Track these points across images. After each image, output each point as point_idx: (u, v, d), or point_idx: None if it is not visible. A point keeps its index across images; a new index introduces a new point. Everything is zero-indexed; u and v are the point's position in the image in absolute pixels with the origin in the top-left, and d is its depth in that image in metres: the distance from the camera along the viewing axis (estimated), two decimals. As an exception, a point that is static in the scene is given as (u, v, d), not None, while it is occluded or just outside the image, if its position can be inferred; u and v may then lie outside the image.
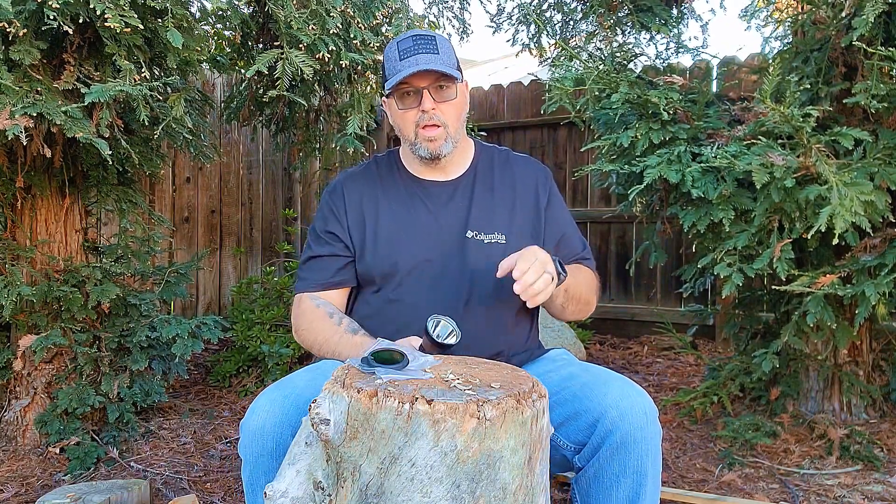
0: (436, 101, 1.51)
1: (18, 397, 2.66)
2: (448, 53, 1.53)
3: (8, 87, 1.99)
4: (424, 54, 1.49)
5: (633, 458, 1.31)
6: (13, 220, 2.64)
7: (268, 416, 1.31)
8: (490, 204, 1.61)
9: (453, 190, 1.62)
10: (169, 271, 3.01)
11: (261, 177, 5.16)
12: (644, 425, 1.31)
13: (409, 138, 1.56)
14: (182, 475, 2.50)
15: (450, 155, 1.57)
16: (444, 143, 1.54)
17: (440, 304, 1.50)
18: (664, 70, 3.00)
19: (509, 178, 1.65)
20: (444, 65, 1.49)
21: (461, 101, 1.57)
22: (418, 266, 1.55)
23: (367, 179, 1.66)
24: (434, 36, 1.54)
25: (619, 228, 4.84)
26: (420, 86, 1.50)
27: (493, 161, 1.68)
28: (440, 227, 1.58)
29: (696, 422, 2.97)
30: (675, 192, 2.59)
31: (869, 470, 2.46)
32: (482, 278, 1.54)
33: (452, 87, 1.53)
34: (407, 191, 1.63)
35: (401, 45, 1.52)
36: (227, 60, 3.15)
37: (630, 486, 1.32)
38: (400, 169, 1.66)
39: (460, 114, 1.58)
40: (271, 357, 3.49)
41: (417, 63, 1.48)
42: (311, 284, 1.62)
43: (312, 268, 1.63)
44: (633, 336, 4.72)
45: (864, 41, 2.20)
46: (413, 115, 1.53)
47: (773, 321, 3.01)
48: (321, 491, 1.10)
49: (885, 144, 2.30)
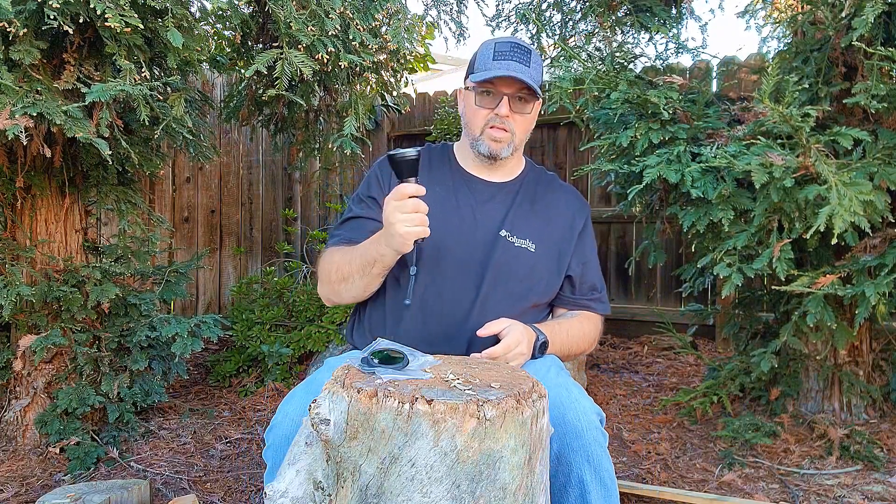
0: (512, 109, 1.56)
1: (18, 397, 2.65)
2: (538, 70, 1.58)
3: (8, 87, 1.99)
4: (517, 63, 1.54)
5: (574, 469, 1.29)
6: (13, 220, 2.64)
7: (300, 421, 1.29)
8: (527, 213, 1.65)
9: (496, 191, 1.66)
10: (169, 271, 3.01)
11: (261, 177, 5.16)
12: (579, 434, 1.29)
13: (473, 133, 1.61)
14: (182, 475, 2.50)
15: (506, 159, 1.63)
16: (506, 146, 1.60)
17: (458, 292, 1.54)
18: (664, 70, 3.00)
19: (551, 198, 1.70)
20: (531, 79, 1.54)
21: (532, 118, 1.63)
22: (444, 248, 1.58)
23: None
24: (531, 50, 1.58)
25: (619, 228, 4.84)
26: (504, 91, 1.55)
27: (539, 179, 1.73)
28: (475, 220, 1.62)
29: (696, 422, 2.97)
30: (674, 191, 2.59)
31: (869, 470, 2.46)
32: (502, 274, 1.57)
33: (531, 103, 1.59)
34: (453, 180, 1.67)
35: (498, 46, 1.57)
36: (226, 60, 3.15)
37: (576, 496, 1.30)
38: (451, 161, 1.71)
39: (528, 128, 1.64)
40: (271, 357, 3.49)
41: (509, 69, 1.52)
42: (341, 240, 1.63)
43: (348, 227, 1.66)
44: (633, 336, 4.72)
45: (864, 41, 2.20)
46: (486, 114, 1.58)
47: (773, 321, 3.01)
48: (321, 491, 1.10)
49: (885, 144, 2.30)
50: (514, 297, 1.58)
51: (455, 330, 1.54)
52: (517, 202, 1.65)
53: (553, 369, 1.50)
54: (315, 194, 5.38)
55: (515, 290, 1.58)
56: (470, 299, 1.55)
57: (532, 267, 1.60)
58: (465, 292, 1.56)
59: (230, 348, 3.84)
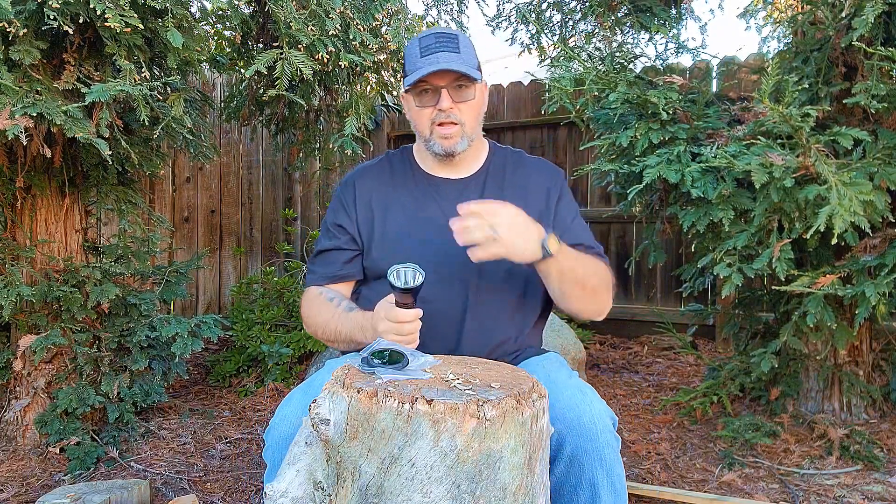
0: (454, 100, 1.51)
1: (18, 397, 2.65)
2: (469, 53, 1.52)
3: (8, 87, 1.99)
4: (445, 53, 1.48)
5: (586, 471, 1.28)
6: (13, 220, 2.64)
7: (300, 422, 1.29)
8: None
9: (464, 187, 1.61)
10: (169, 271, 3.01)
11: (261, 177, 5.16)
12: (593, 437, 1.28)
13: (424, 135, 1.56)
14: (182, 475, 2.50)
15: (464, 153, 1.57)
16: (459, 140, 1.54)
17: (444, 298, 1.51)
18: (664, 70, 3.00)
19: (521, 178, 1.64)
20: (464, 64, 1.48)
21: (479, 102, 1.56)
22: (427, 263, 1.54)
23: (380, 174, 1.67)
24: (457, 35, 1.52)
25: (619, 228, 4.84)
26: (439, 84, 1.50)
27: (505, 161, 1.67)
28: (448, 225, 1.58)
29: (696, 422, 2.97)
30: (674, 191, 2.59)
31: (869, 470, 2.46)
32: (487, 273, 1.54)
33: (471, 88, 1.52)
34: (418, 187, 1.63)
35: (423, 41, 1.51)
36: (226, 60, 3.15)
37: (587, 499, 1.29)
38: (413, 165, 1.66)
39: (477, 114, 1.57)
40: (271, 357, 3.49)
41: (438, 61, 1.47)
42: (319, 278, 1.63)
43: (320, 262, 1.65)
44: (633, 336, 4.72)
45: (864, 41, 2.20)
46: (430, 113, 1.53)
47: (773, 321, 3.01)
48: (321, 491, 1.10)
49: (885, 144, 2.30)
50: (505, 292, 1.55)
51: (452, 341, 1.51)
52: (487, 193, 1.60)
53: (565, 370, 1.48)
54: (315, 194, 5.38)
55: (505, 286, 1.55)
56: (460, 311, 1.51)
57: None
58: (454, 306, 1.52)
59: (230, 348, 3.84)
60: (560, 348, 3.33)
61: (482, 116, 1.60)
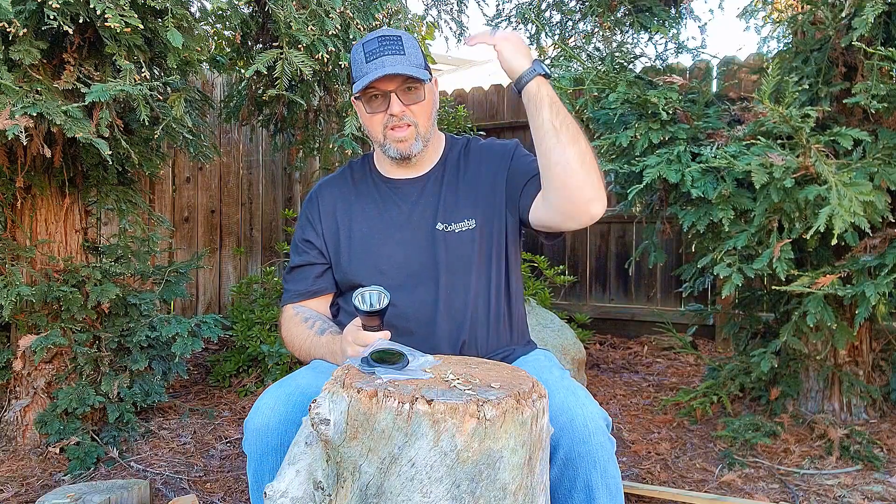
0: (404, 103, 1.49)
1: (18, 397, 2.65)
2: (415, 53, 1.50)
3: (8, 87, 1.99)
4: (391, 55, 1.46)
5: (581, 473, 1.28)
6: (13, 220, 2.64)
7: (272, 413, 1.33)
8: (456, 192, 1.59)
9: (423, 185, 1.61)
10: (169, 271, 3.01)
11: (260, 177, 5.16)
12: (586, 439, 1.27)
13: (378, 140, 1.55)
14: (182, 475, 2.50)
15: (420, 153, 1.56)
16: (414, 142, 1.53)
17: (416, 302, 1.52)
18: (664, 70, 3.00)
19: (475, 162, 1.62)
20: (410, 66, 1.46)
21: (430, 101, 1.54)
22: (394, 266, 1.55)
23: (342, 185, 1.67)
24: (399, 36, 1.50)
25: (619, 228, 4.84)
26: (387, 89, 1.48)
27: (460, 151, 1.65)
28: (412, 224, 1.57)
29: (696, 422, 2.98)
30: (674, 191, 2.59)
31: (869, 470, 2.46)
32: (453, 267, 1.54)
33: (420, 89, 1.51)
34: (379, 192, 1.62)
35: (366, 46, 1.49)
36: (226, 60, 3.15)
37: (582, 501, 1.29)
38: (372, 171, 1.66)
39: (430, 113, 1.55)
40: (271, 357, 3.49)
41: (384, 66, 1.45)
42: (292, 296, 1.65)
43: (292, 279, 1.66)
44: (633, 336, 4.72)
45: (864, 41, 2.20)
46: (381, 118, 1.51)
47: (773, 321, 3.01)
48: (321, 491, 1.10)
49: (885, 144, 2.30)
50: (476, 279, 1.54)
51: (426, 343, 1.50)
52: (445, 187, 1.59)
53: (556, 371, 1.48)
54: (315, 194, 5.37)
55: (474, 274, 1.55)
56: (431, 308, 1.52)
57: (477, 241, 1.55)
58: (426, 303, 1.53)
59: (230, 348, 3.84)
60: (560, 348, 3.33)
61: (436, 114, 1.59)
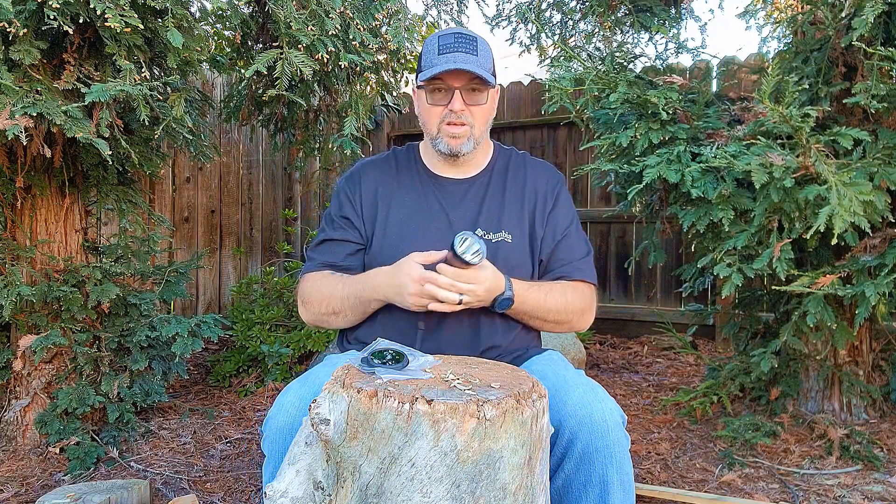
0: (466, 102, 1.51)
1: (18, 397, 2.65)
2: (486, 57, 1.52)
3: (8, 87, 1.99)
4: (463, 53, 1.48)
5: (596, 468, 1.28)
6: (13, 220, 2.64)
7: (297, 412, 1.31)
8: (500, 203, 1.61)
9: (467, 188, 1.62)
10: (169, 271, 3.01)
11: (260, 177, 5.16)
12: (604, 434, 1.28)
13: (431, 132, 1.56)
14: (182, 475, 2.50)
15: (469, 154, 1.58)
16: (466, 141, 1.55)
17: None
18: (664, 70, 3.00)
19: (521, 179, 1.65)
20: (480, 67, 1.48)
21: (490, 107, 1.57)
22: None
23: (385, 169, 1.67)
24: (476, 38, 1.52)
25: (619, 228, 4.84)
26: (453, 85, 1.50)
27: (508, 163, 1.68)
28: (450, 222, 1.59)
29: (696, 422, 2.97)
30: (674, 191, 2.59)
31: (869, 470, 2.46)
32: None
33: (484, 92, 1.53)
34: (422, 185, 1.63)
35: (441, 39, 1.51)
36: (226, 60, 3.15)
37: (597, 496, 1.30)
38: (418, 163, 1.67)
39: (487, 118, 1.58)
40: (271, 357, 3.49)
41: (455, 61, 1.47)
42: (318, 265, 1.62)
43: (323, 250, 1.64)
44: (633, 336, 4.72)
45: (864, 41, 2.20)
46: (440, 112, 1.53)
47: (773, 321, 3.01)
48: (321, 491, 1.10)
49: (885, 144, 2.30)
50: None
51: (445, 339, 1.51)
52: (489, 195, 1.61)
53: (571, 369, 1.49)
54: (315, 194, 5.38)
55: None
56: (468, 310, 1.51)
57: (512, 258, 1.56)
58: None
59: (230, 348, 3.84)
60: (560, 348, 3.34)
61: (491, 121, 1.61)
